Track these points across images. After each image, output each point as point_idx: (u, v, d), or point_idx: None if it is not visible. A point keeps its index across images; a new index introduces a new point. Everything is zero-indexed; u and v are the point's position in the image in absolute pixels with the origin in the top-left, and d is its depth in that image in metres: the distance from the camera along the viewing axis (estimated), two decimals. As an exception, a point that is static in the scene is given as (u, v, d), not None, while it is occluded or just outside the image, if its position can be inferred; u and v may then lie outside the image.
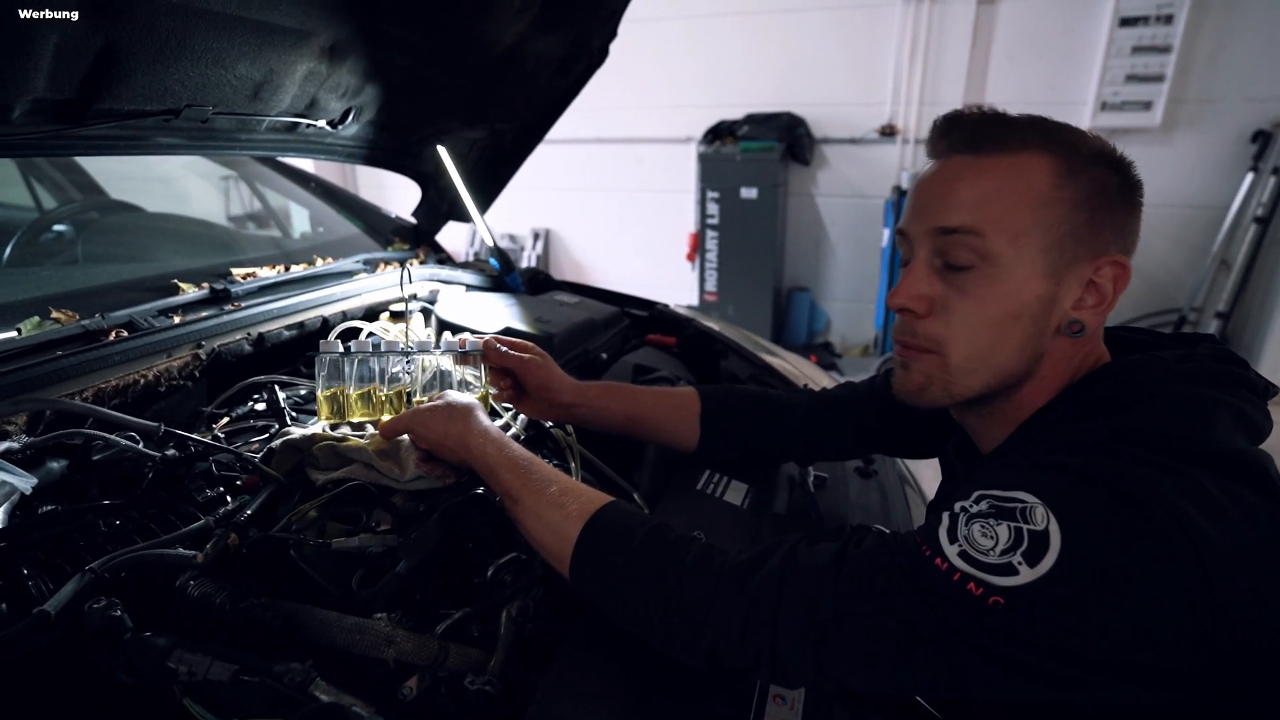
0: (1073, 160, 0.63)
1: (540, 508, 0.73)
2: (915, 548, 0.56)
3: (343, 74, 1.24)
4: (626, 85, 4.63)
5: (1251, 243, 3.74)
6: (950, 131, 0.66)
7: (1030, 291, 0.63)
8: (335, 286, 1.52)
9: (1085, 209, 0.62)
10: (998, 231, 0.62)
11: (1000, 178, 0.63)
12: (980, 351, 0.65)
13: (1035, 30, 3.91)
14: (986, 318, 0.64)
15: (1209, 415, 0.58)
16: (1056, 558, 0.49)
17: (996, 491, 0.55)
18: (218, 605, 0.70)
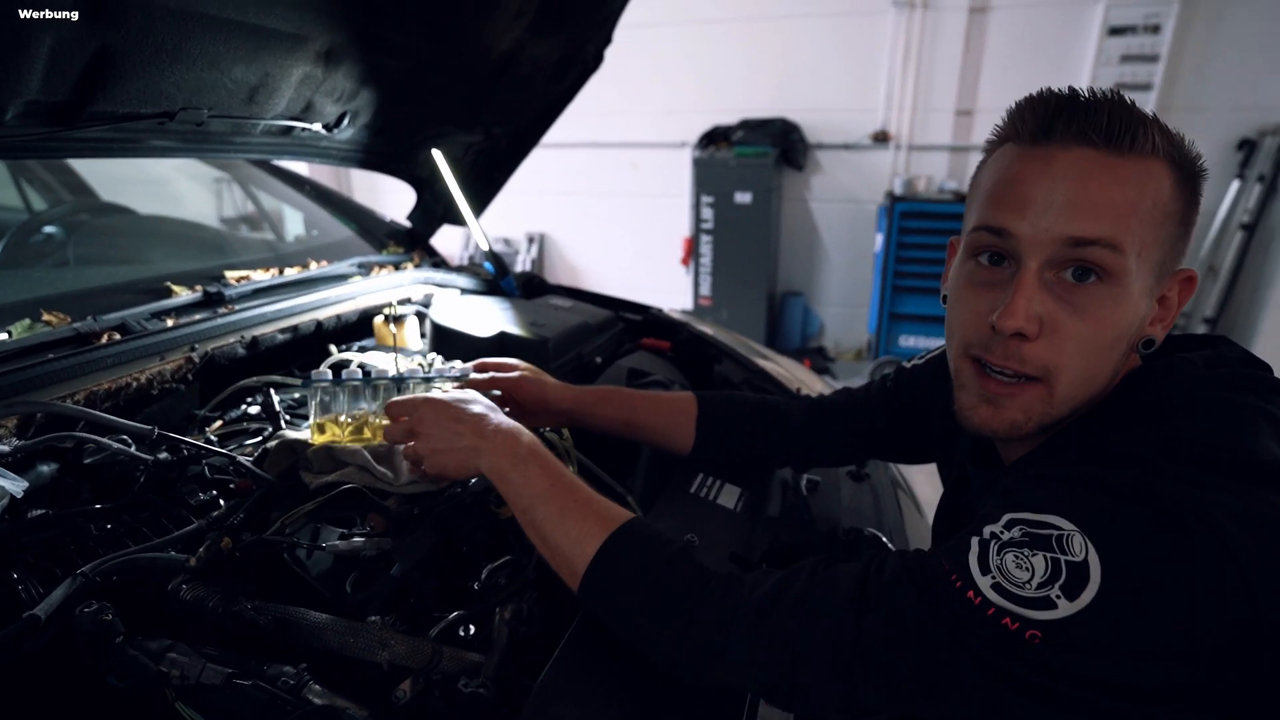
0: (1186, 171, 0.57)
1: (562, 516, 0.68)
2: (944, 577, 0.52)
3: (338, 78, 1.24)
4: (622, 90, 4.64)
5: (1238, 249, 3.78)
6: (1079, 115, 0.56)
7: (1139, 311, 0.58)
8: (329, 290, 1.51)
9: (1185, 223, 0.58)
10: (1132, 245, 0.55)
11: (1137, 184, 0.55)
12: (1086, 379, 0.58)
13: (1026, 39, 3.95)
14: (1101, 341, 0.57)
15: (1252, 424, 0.54)
16: (1097, 590, 0.47)
17: (1029, 515, 0.51)
18: (210, 609, 0.69)
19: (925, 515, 1.53)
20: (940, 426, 0.86)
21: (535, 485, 0.71)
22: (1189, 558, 0.47)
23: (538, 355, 1.38)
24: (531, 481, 0.71)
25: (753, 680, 0.59)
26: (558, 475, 0.72)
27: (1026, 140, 0.58)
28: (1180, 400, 0.57)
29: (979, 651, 0.50)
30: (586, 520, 0.68)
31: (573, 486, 0.71)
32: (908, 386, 0.93)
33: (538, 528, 0.70)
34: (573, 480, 0.72)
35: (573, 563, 0.67)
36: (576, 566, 0.66)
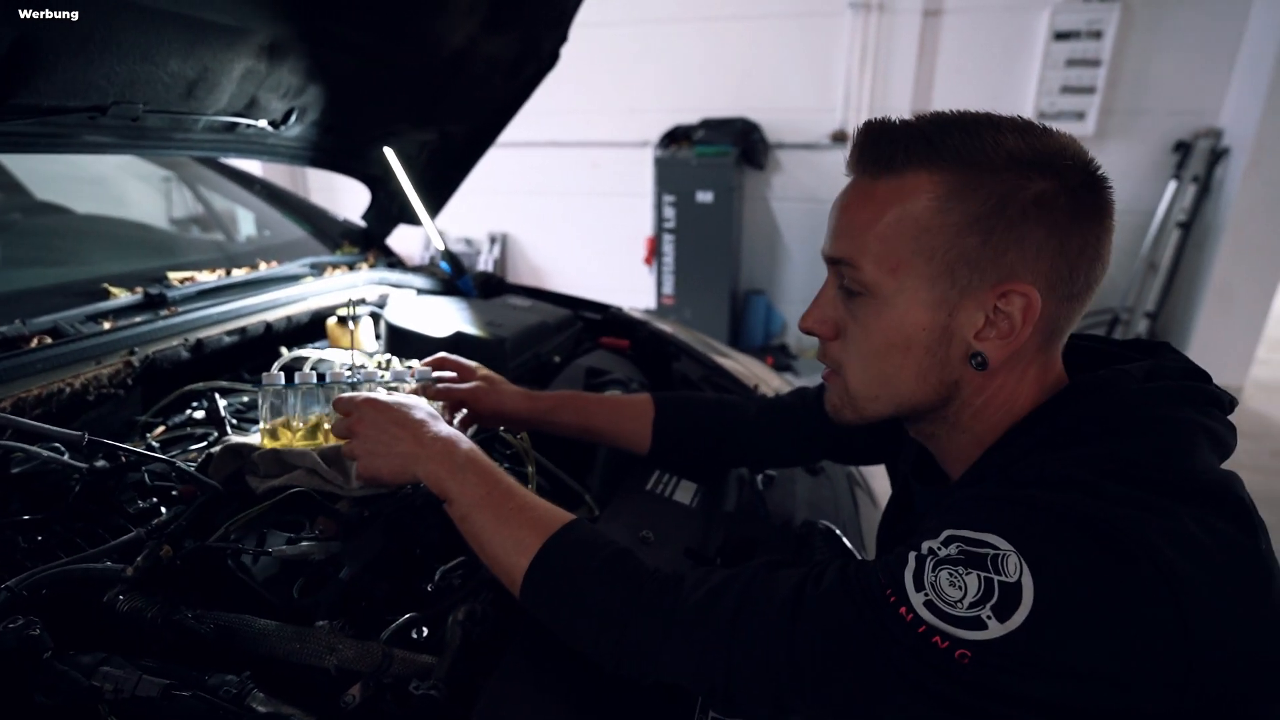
0: (965, 175, 0.55)
1: (498, 524, 0.68)
2: (878, 592, 0.52)
3: (284, 73, 1.21)
4: (582, 89, 4.63)
5: (1175, 246, 3.95)
6: (851, 151, 0.62)
7: (914, 321, 0.59)
8: (280, 291, 1.48)
9: (977, 232, 0.55)
10: (874, 263, 0.59)
11: (880, 205, 0.58)
12: (874, 379, 0.63)
13: (977, 41, 4.06)
14: (873, 347, 0.62)
15: (1190, 441, 0.55)
16: (1028, 613, 0.46)
17: (967, 533, 0.51)
18: (149, 619, 0.67)
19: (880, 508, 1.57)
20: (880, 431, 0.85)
21: (472, 493, 0.70)
22: (1125, 582, 0.47)
23: (494, 355, 1.37)
24: (468, 489, 0.70)
25: (693, 681, 0.59)
26: (495, 482, 0.71)
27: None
28: (1118, 417, 0.56)
29: (909, 669, 0.50)
30: (523, 527, 0.68)
31: (509, 493, 0.70)
32: None
33: (476, 536, 0.70)
34: (510, 486, 0.72)
35: (511, 571, 0.67)
36: (515, 575, 0.66)
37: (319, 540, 0.78)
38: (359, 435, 0.77)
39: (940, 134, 0.57)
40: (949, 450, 0.67)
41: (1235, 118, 3.76)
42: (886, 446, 0.90)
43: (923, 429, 0.68)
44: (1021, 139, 0.56)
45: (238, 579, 0.75)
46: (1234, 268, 3.81)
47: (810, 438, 0.98)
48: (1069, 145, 0.57)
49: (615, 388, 1.33)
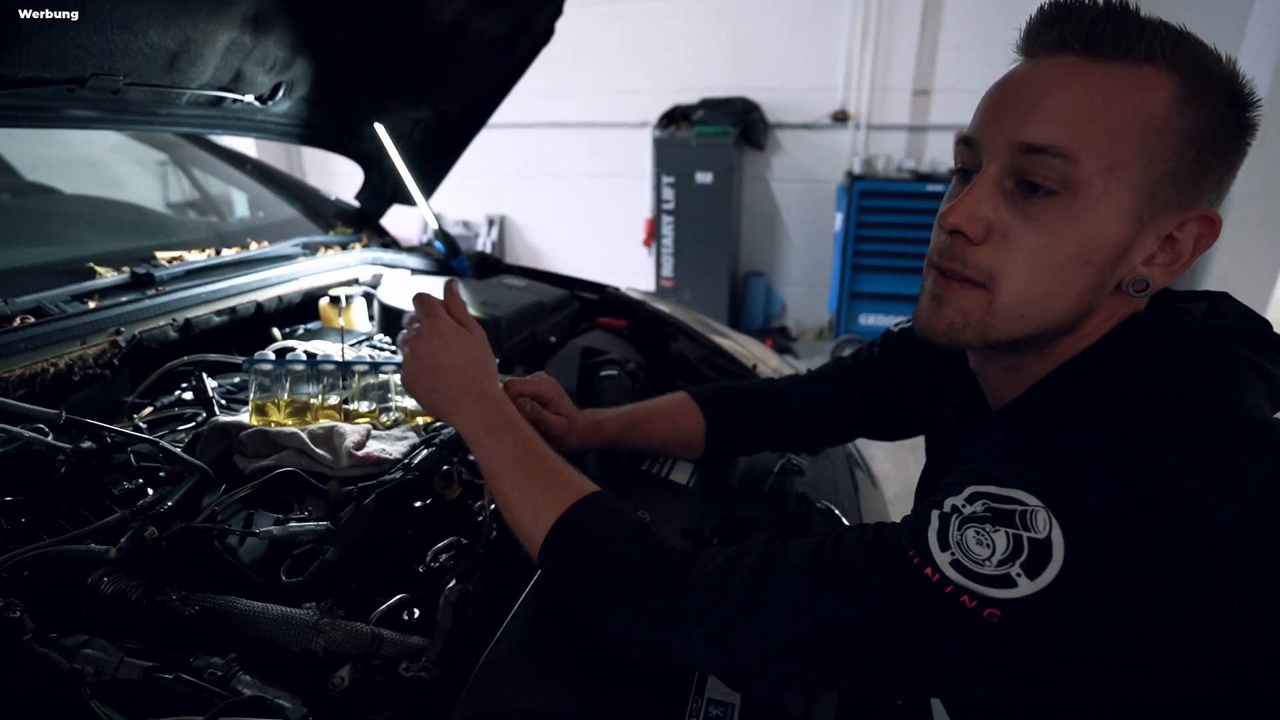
0: (1199, 85, 0.51)
1: (529, 483, 0.67)
2: (901, 553, 0.50)
3: (269, 46, 1.18)
4: (581, 69, 4.56)
5: (1181, 226, 3.91)
6: (1062, 20, 0.54)
7: (1108, 234, 0.53)
8: (270, 270, 1.45)
9: (1195, 146, 0.51)
10: (1093, 157, 0.51)
11: (1111, 91, 0.51)
12: (1035, 294, 0.55)
13: (980, 19, 3.99)
14: (1052, 257, 0.54)
15: (1241, 378, 0.52)
16: (1060, 569, 0.45)
17: (993, 489, 0.49)
18: (133, 601, 0.66)
19: (881, 489, 1.55)
20: (923, 389, 0.84)
21: (506, 451, 0.69)
22: (1158, 532, 0.45)
23: (489, 334, 1.34)
24: (503, 447, 0.70)
25: (705, 658, 0.57)
26: (531, 445, 0.70)
27: (1019, 53, 0.57)
28: (1169, 349, 0.54)
29: (936, 630, 0.48)
30: (551, 489, 0.66)
31: (543, 457, 0.70)
32: (892, 350, 0.90)
33: (504, 494, 0.68)
34: (546, 452, 0.70)
35: (534, 530, 0.65)
36: (537, 534, 0.65)
37: (307, 521, 0.77)
38: (415, 354, 0.75)
39: (1182, 37, 0.52)
40: (1014, 382, 0.62)
41: (1242, 93, 3.70)
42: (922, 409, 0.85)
43: (1009, 360, 0.62)
44: (1235, 67, 0.53)
45: (224, 560, 0.74)
46: (1236, 247, 3.77)
47: (850, 411, 0.94)
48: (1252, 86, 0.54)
49: (612, 368, 1.31)
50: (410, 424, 1.01)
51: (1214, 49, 0.53)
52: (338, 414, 1.00)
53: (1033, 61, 0.55)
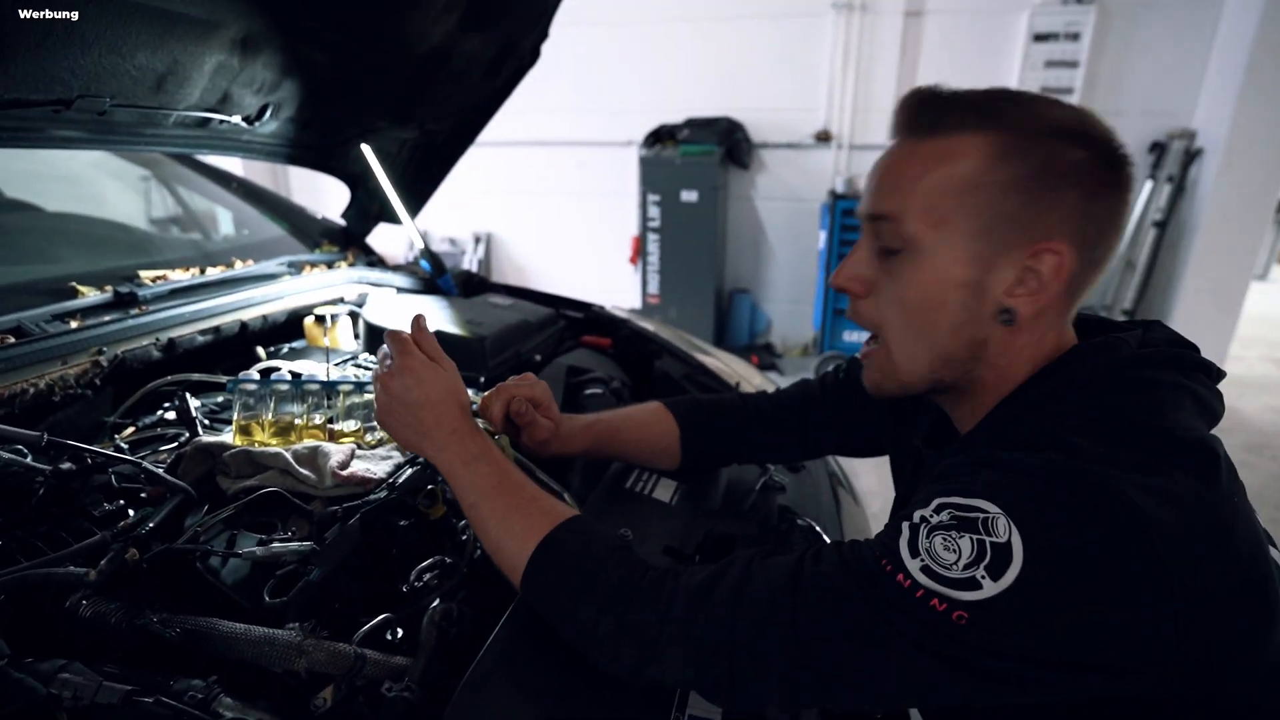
0: (1013, 138, 0.58)
1: (507, 512, 0.69)
2: (874, 562, 0.54)
3: (257, 68, 1.19)
4: (567, 89, 4.62)
5: (1152, 245, 4.01)
6: (897, 114, 0.64)
7: (952, 276, 0.61)
8: (255, 289, 1.45)
9: (1021, 191, 0.58)
10: (917, 218, 0.60)
11: (928, 162, 0.60)
12: (911, 336, 0.64)
13: (959, 42, 4.10)
14: (910, 301, 0.63)
15: (1175, 401, 0.58)
16: (1020, 570, 0.48)
17: (958, 499, 0.53)
18: (113, 624, 0.65)
19: (864, 506, 1.57)
20: (890, 414, 0.88)
21: (484, 482, 0.71)
22: (1106, 536, 0.49)
23: (474, 354, 1.36)
24: (480, 478, 0.72)
25: (690, 675, 0.58)
26: (507, 474, 0.73)
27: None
28: (1107, 377, 0.59)
29: (911, 634, 0.51)
30: (530, 516, 0.68)
31: (520, 485, 0.72)
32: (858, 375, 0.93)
33: (483, 524, 0.70)
34: (521, 479, 0.73)
35: (515, 559, 0.67)
36: (518, 562, 0.66)
37: (291, 541, 0.77)
38: (388, 390, 0.77)
39: (989, 101, 0.60)
40: (971, 412, 0.68)
41: (1208, 119, 3.82)
42: (888, 431, 0.89)
43: (949, 398, 0.70)
44: (1061, 110, 0.60)
45: (207, 582, 0.73)
46: (1208, 266, 3.87)
47: (817, 428, 0.98)
48: (1098, 120, 0.60)
49: (597, 386, 1.33)
50: (394, 443, 1.01)
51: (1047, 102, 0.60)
52: (322, 434, 1.00)
53: (888, 147, 0.66)
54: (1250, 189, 3.71)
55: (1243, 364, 4.68)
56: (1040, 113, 0.59)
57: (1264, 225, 3.82)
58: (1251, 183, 3.69)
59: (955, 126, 0.60)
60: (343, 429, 1.02)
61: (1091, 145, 0.58)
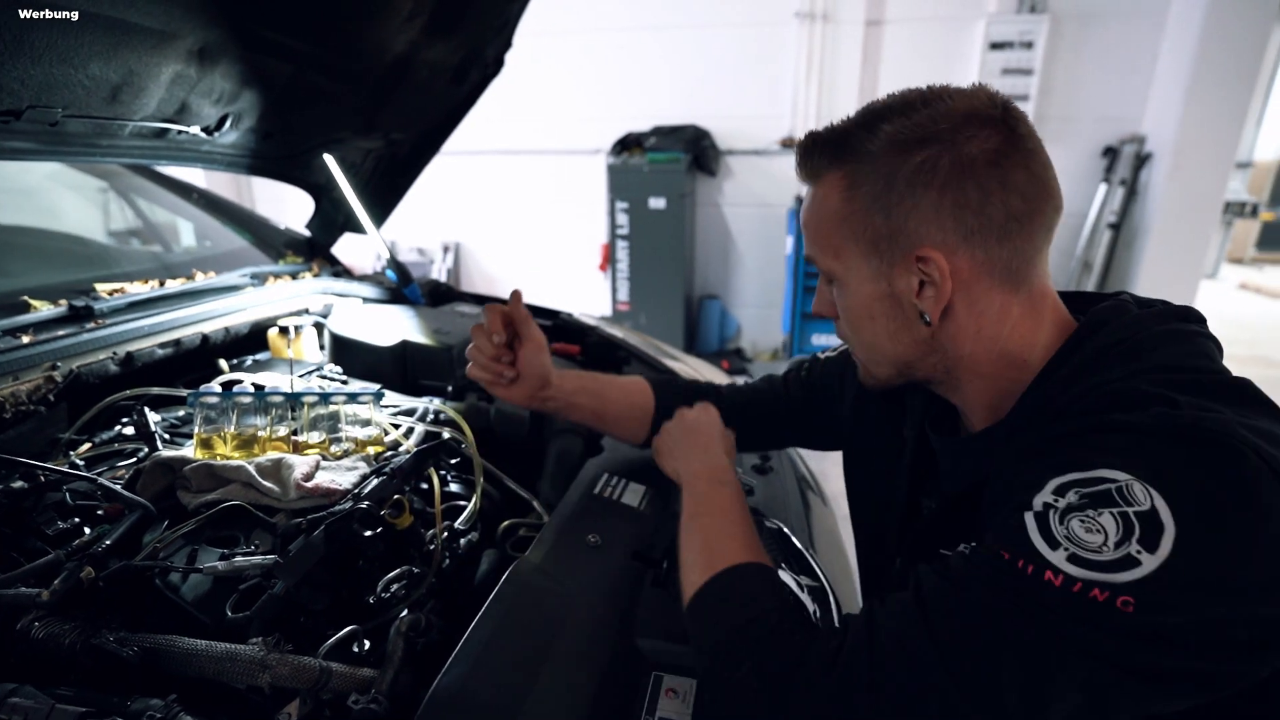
0: (856, 167, 0.62)
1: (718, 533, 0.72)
2: (1009, 566, 0.48)
3: (216, 78, 1.18)
4: (534, 98, 4.62)
5: (1108, 246, 4.14)
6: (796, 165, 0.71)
7: (866, 293, 0.66)
8: (217, 301, 1.43)
9: (878, 210, 0.62)
10: (824, 254, 0.68)
11: (815, 206, 0.67)
12: (865, 345, 0.71)
13: (918, 50, 4.20)
14: (851, 319, 0.70)
15: (1207, 347, 0.59)
16: (1175, 534, 0.45)
17: (1076, 475, 0.49)
18: (67, 646, 0.64)
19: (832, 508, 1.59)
20: (855, 414, 0.91)
21: (718, 502, 0.77)
22: (1244, 480, 0.46)
23: (442, 363, 1.35)
24: (717, 498, 0.77)
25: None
26: (738, 505, 0.77)
27: None
28: (1144, 334, 0.58)
29: (1072, 636, 0.46)
30: (732, 542, 0.70)
31: (741, 518, 0.75)
32: (820, 376, 0.98)
33: (692, 535, 0.73)
34: (743, 513, 0.76)
35: (694, 577, 0.67)
36: (696, 581, 0.66)
37: (253, 555, 0.76)
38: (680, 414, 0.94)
39: (842, 136, 0.64)
40: (970, 400, 0.70)
41: (1156, 124, 3.96)
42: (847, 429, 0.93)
43: (938, 389, 0.73)
44: (904, 119, 0.60)
45: (167, 599, 0.72)
46: (1160, 265, 4.01)
47: (780, 421, 1.02)
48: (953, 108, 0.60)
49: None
50: (361, 454, 1.01)
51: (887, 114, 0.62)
52: (286, 446, 0.99)
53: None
54: (1197, 190, 3.86)
55: (1195, 360, 4.83)
56: (876, 131, 0.61)
57: (1211, 225, 3.97)
58: (1198, 184, 3.84)
59: (824, 168, 0.66)
60: (307, 440, 1.01)
61: (935, 140, 0.59)
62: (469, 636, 0.68)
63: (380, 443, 1.04)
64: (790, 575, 0.87)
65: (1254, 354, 5.13)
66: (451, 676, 0.63)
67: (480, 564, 0.93)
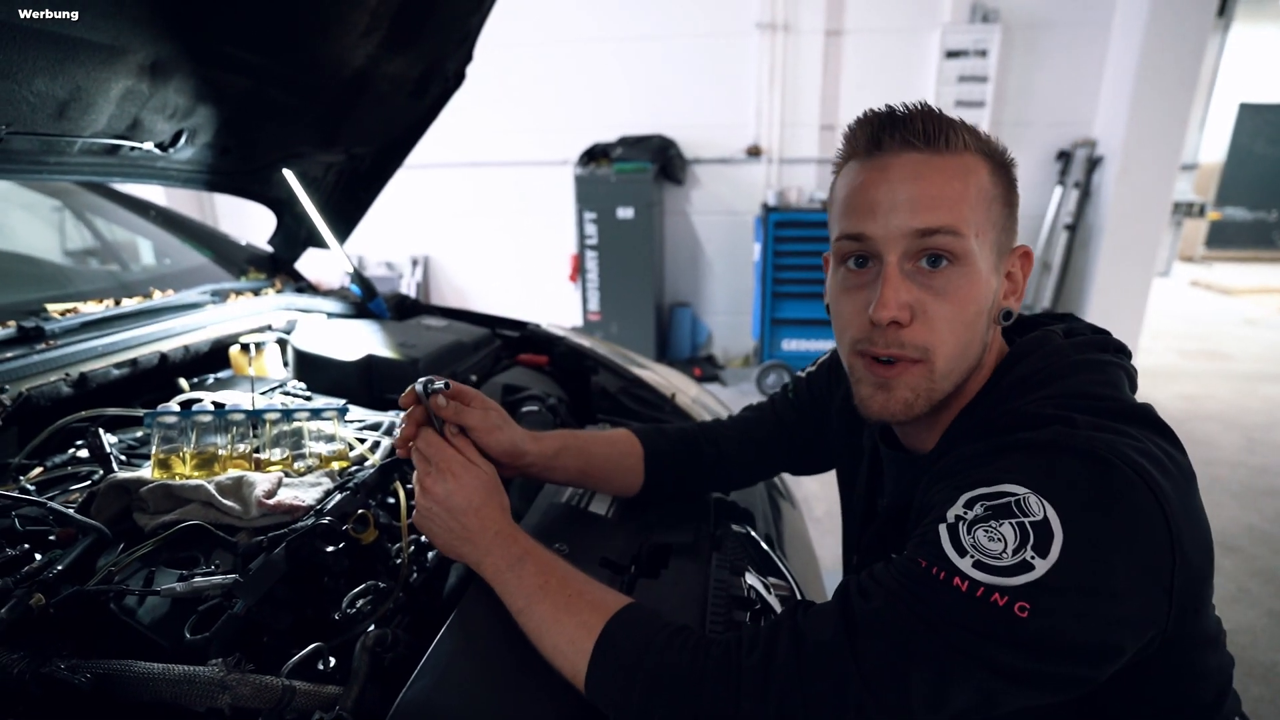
0: (998, 161, 0.66)
1: (558, 612, 0.65)
2: (924, 572, 0.53)
3: (169, 94, 1.16)
4: (500, 110, 4.63)
5: (1065, 247, 4.26)
6: (900, 127, 0.64)
7: (990, 287, 0.65)
8: (176, 320, 1.41)
9: (1006, 203, 0.67)
10: (970, 229, 0.62)
11: (961, 176, 0.63)
12: (959, 352, 0.65)
13: (877, 60, 4.30)
14: (964, 317, 0.64)
15: (1115, 377, 0.64)
16: (1063, 540, 0.50)
17: (983, 490, 0.54)
18: (15, 675, 0.62)
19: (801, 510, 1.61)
20: (840, 422, 0.90)
21: (529, 584, 0.68)
22: (1122, 490, 0.52)
23: (407, 377, 1.34)
24: (525, 581, 0.69)
25: None
26: (551, 570, 0.69)
27: (863, 154, 0.67)
28: (1061, 363, 0.65)
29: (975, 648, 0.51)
30: (583, 610, 0.64)
31: (566, 580, 0.68)
32: (806, 392, 0.97)
33: (536, 629, 0.66)
34: (567, 573, 0.69)
35: (575, 658, 0.62)
36: (578, 661, 0.62)
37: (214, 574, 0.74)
38: (430, 495, 0.74)
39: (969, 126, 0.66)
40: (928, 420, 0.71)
41: (1106, 128, 4.11)
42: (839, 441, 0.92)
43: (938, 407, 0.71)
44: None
45: (123, 623, 0.71)
46: (1114, 264, 4.14)
47: (775, 452, 1.00)
48: None
49: (533, 404, 1.33)
50: (325, 469, 1.00)
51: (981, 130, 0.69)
52: (248, 464, 0.98)
53: (883, 161, 0.64)
54: (1146, 192, 4.00)
55: (1151, 355, 5.00)
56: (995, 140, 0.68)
57: (1161, 225, 4.11)
58: (1147, 186, 3.98)
59: (964, 144, 0.64)
60: (269, 458, 0.99)
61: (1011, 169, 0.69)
62: (435, 649, 0.68)
63: (345, 458, 1.03)
64: (758, 578, 0.89)
65: (1204, 348, 5.31)
66: (416, 689, 0.63)
67: (449, 577, 0.93)
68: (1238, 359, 5.04)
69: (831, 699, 0.54)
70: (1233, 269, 8.44)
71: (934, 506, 0.58)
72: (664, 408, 1.44)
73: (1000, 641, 0.51)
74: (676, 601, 0.79)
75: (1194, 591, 0.56)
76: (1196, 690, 0.64)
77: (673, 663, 0.59)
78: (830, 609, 0.58)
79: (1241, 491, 3.06)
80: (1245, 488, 3.09)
